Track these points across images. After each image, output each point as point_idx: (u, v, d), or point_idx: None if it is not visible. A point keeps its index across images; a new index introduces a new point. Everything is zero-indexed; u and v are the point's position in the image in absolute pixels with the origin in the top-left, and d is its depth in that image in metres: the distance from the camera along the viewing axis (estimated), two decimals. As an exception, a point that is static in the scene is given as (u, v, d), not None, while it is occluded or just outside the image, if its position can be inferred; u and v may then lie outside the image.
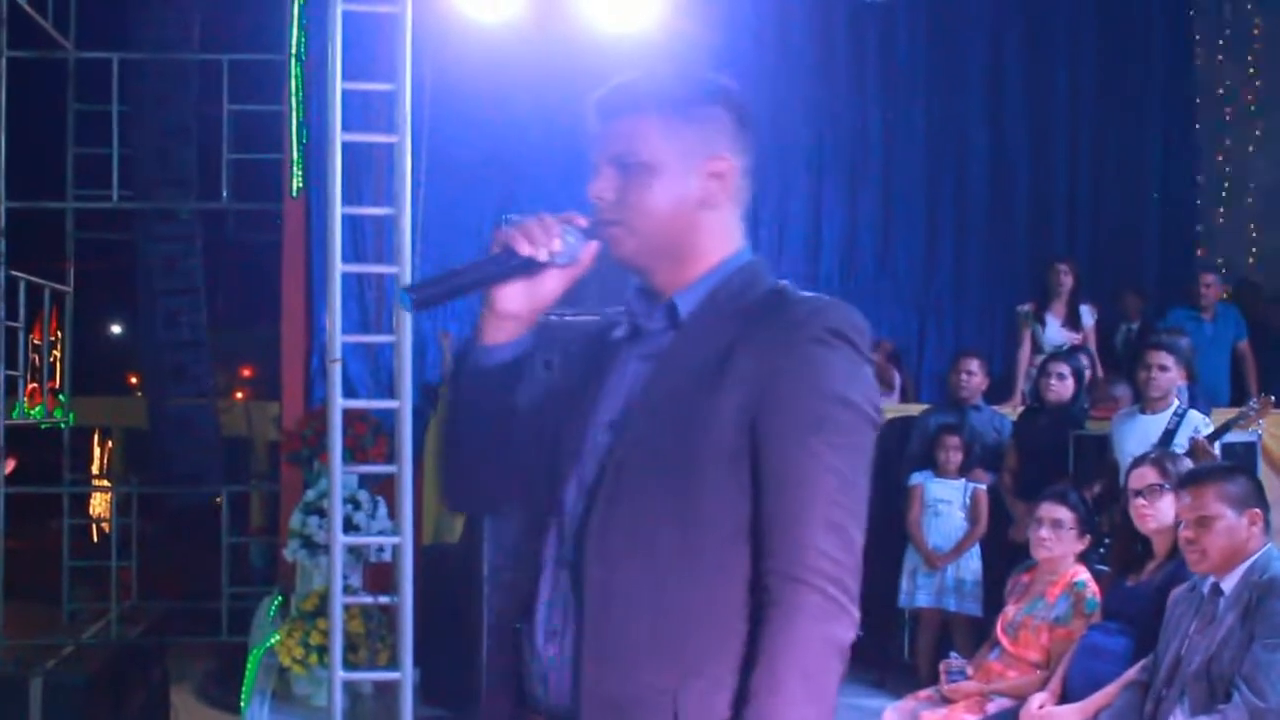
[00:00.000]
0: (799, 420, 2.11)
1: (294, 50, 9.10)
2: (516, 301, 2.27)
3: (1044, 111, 10.71)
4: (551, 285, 2.28)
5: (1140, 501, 4.95)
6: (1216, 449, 6.64)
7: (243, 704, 7.37)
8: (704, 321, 2.22)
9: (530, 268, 2.22)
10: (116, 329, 28.65)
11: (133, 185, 11.84)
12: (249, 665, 7.67)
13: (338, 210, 6.05)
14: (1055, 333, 8.89)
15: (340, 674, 5.99)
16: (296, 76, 9.09)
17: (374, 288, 9.06)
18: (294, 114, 9.08)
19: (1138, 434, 6.89)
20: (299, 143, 8.99)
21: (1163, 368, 6.91)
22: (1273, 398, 7.07)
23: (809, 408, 2.11)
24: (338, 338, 6.01)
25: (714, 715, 2.09)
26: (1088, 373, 8.39)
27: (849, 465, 2.12)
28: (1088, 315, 9.03)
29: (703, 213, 2.25)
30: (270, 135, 9.99)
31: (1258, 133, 10.89)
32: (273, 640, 7.44)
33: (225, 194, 10.79)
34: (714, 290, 2.25)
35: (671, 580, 2.12)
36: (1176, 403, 7.01)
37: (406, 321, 6.09)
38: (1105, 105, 10.85)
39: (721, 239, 2.28)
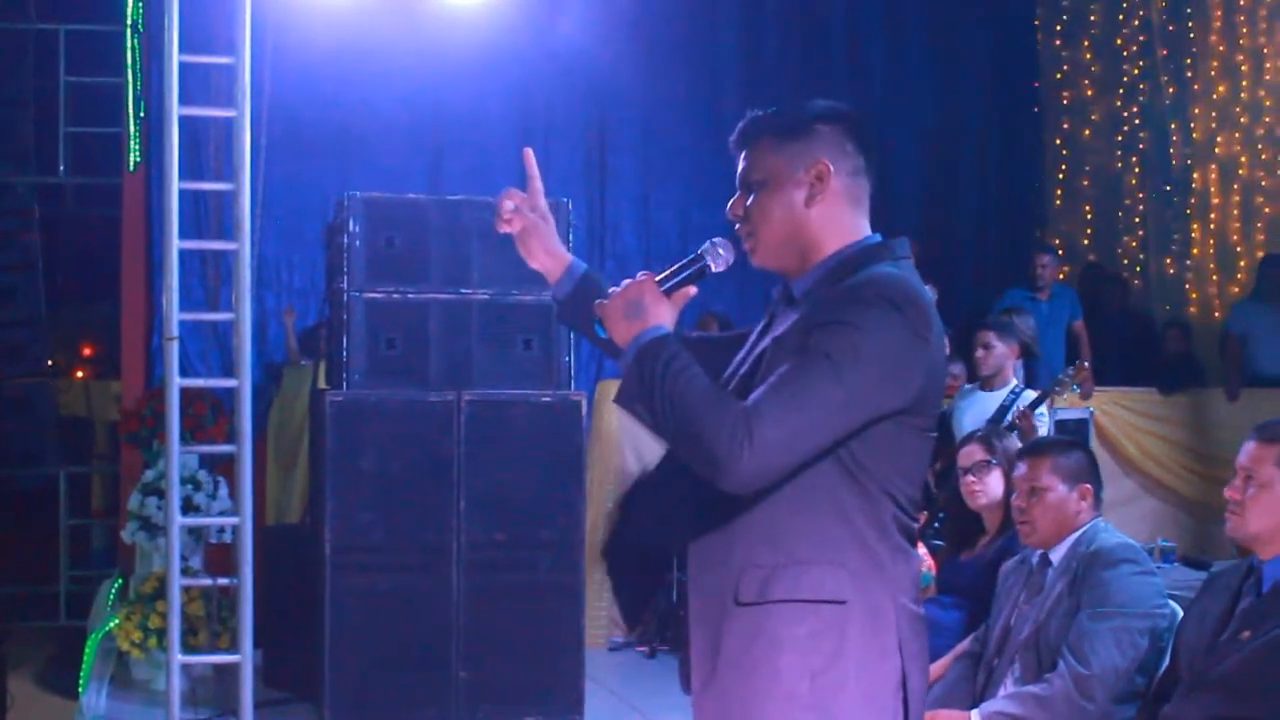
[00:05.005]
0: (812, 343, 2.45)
1: (130, 21, 8.90)
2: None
3: (891, 92, 10.83)
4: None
5: (969, 478, 5.05)
6: (1046, 421, 6.81)
7: (81, 689, 7.23)
8: (810, 298, 2.58)
9: (706, 274, 2.65)
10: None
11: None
12: (87, 650, 7.52)
13: (174, 185, 5.92)
14: (894, 311, 8.99)
15: (178, 657, 5.89)
16: (133, 48, 8.90)
17: (215, 265, 8.90)
18: (130, 86, 8.88)
19: (975, 410, 7.06)
20: (136, 116, 8.80)
21: (987, 346, 7.11)
22: (1086, 365, 7.27)
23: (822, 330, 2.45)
24: (174, 315, 5.90)
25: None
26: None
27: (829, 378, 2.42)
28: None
29: (812, 210, 2.61)
30: (109, 108, 9.77)
31: (1094, 116, 11.12)
32: (111, 624, 7.31)
33: (63, 168, 10.53)
34: (826, 274, 2.60)
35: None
36: (1014, 381, 7.18)
37: (246, 299, 5.99)
38: (950, 88, 11.02)
39: (834, 232, 2.63)
